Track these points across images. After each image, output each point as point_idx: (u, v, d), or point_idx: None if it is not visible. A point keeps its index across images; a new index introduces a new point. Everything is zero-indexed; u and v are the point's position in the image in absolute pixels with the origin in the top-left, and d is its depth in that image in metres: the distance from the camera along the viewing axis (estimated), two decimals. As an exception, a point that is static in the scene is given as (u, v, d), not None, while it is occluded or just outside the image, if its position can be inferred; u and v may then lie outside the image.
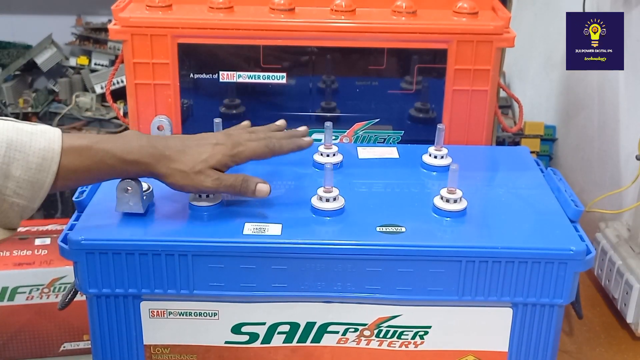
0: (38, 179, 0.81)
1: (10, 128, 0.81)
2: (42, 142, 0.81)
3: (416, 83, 1.13)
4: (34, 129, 0.83)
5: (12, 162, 0.79)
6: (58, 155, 0.82)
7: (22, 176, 0.80)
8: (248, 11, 1.11)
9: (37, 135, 0.82)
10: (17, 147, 0.80)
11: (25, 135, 0.81)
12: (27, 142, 0.81)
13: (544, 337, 0.91)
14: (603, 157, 1.46)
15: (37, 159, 0.81)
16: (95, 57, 2.45)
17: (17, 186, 0.80)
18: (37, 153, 0.81)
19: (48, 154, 0.81)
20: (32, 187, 0.81)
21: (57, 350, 1.34)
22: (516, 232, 0.91)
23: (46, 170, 0.81)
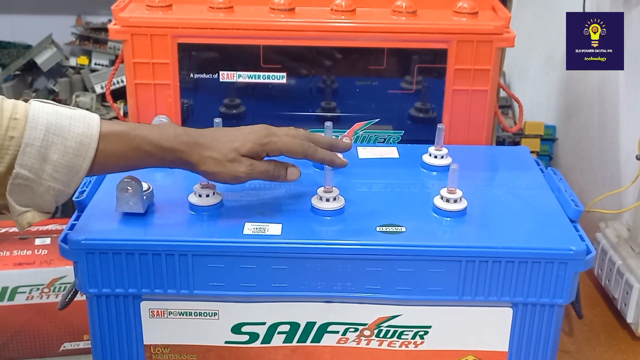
0: (75, 163, 0.81)
1: (51, 112, 0.81)
2: (80, 127, 0.81)
3: (416, 83, 1.13)
4: (74, 113, 0.83)
5: (50, 146, 0.80)
6: (96, 141, 0.82)
7: (59, 160, 0.80)
8: (248, 11, 1.11)
9: (76, 120, 0.82)
10: (56, 131, 0.80)
11: (65, 119, 0.81)
12: (66, 126, 0.81)
13: (544, 337, 0.91)
14: (603, 157, 1.46)
15: (75, 144, 0.81)
16: (95, 57, 2.45)
17: (54, 170, 0.80)
18: (75, 138, 0.81)
19: (86, 139, 0.81)
20: (68, 171, 0.81)
21: (57, 350, 1.34)
22: (516, 232, 0.91)
23: (83, 155, 0.81)
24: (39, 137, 0.79)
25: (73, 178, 0.82)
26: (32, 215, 0.82)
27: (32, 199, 0.81)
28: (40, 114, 0.80)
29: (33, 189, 0.80)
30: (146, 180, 0.93)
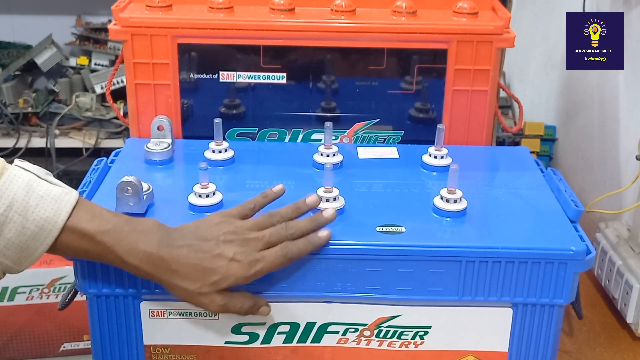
0: (30, 246, 0.77)
1: (23, 185, 0.77)
2: (47, 211, 0.77)
3: (416, 83, 1.13)
4: (48, 192, 0.78)
5: (7, 223, 0.76)
6: (58, 230, 0.78)
7: (13, 239, 0.77)
8: (248, 11, 1.11)
9: (46, 202, 0.77)
10: (19, 209, 0.76)
11: (34, 199, 0.77)
12: (32, 206, 0.77)
13: (544, 337, 0.91)
14: (603, 157, 1.46)
15: (35, 228, 0.77)
16: (95, 57, 2.45)
17: (5, 247, 0.77)
18: (36, 221, 0.77)
19: (48, 225, 0.77)
20: (21, 251, 0.78)
21: (57, 350, 1.34)
22: (516, 232, 0.91)
23: (40, 240, 0.78)
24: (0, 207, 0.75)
25: (25, 259, 0.78)
26: None
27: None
28: (11, 185, 0.76)
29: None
30: (146, 180, 0.93)
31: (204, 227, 0.84)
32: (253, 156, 1.09)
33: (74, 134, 2.39)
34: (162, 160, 1.06)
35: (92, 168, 1.02)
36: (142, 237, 0.81)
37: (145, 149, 1.06)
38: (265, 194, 0.89)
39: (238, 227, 0.84)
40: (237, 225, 0.84)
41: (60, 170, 2.36)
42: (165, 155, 1.06)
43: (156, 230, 0.82)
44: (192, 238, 0.82)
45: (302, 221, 0.87)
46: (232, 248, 0.82)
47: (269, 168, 1.05)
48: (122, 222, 0.81)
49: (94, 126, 2.40)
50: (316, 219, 0.87)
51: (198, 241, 0.82)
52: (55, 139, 2.36)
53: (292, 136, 1.15)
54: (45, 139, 2.36)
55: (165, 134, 1.08)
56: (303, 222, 0.86)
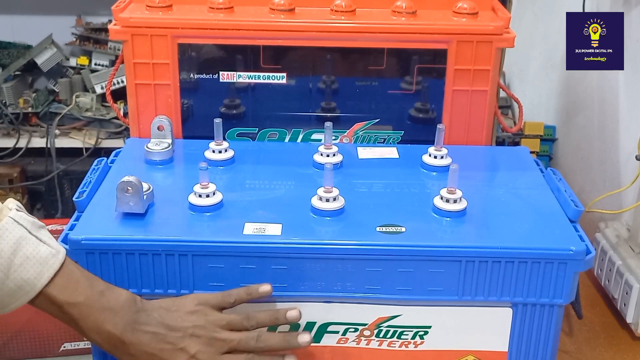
0: (4, 300, 0.78)
1: (13, 242, 0.77)
2: (29, 273, 0.77)
3: (416, 83, 1.13)
4: (35, 252, 0.78)
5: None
6: (35, 293, 0.78)
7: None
8: (248, 11, 1.11)
9: (31, 263, 0.77)
10: (2, 267, 0.76)
11: (19, 258, 0.77)
12: (16, 265, 0.77)
13: (543, 337, 0.91)
14: (603, 157, 1.46)
15: (14, 286, 0.77)
16: (95, 57, 2.45)
17: None
18: (16, 281, 0.77)
19: (27, 286, 0.78)
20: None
21: (57, 350, 1.34)
22: (516, 232, 0.91)
23: (16, 298, 0.78)
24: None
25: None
26: None
27: None
28: (1, 237, 0.76)
29: None
30: (146, 180, 0.93)
31: (176, 312, 0.83)
32: (253, 156, 1.09)
33: (74, 134, 2.39)
34: (162, 160, 1.06)
35: (92, 168, 1.02)
36: (110, 316, 0.81)
37: (146, 149, 1.06)
38: (250, 292, 0.86)
39: (209, 322, 0.83)
40: (209, 320, 0.83)
41: (61, 170, 2.36)
42: (166, 155, 1.06)
43: (126, 310, 0.82)
44: (160, 325, 0.82)
45: (274, 337, 0.85)
46: (197, 345, 0.82)
47: (269, 168, 1.05)
48: (94, 296, 0.81)
49: (94, 126, 2.40)
50: (289, 341, 0.85)
51: (165, 330, 0.82)
52: (55, 139, 2.36)
53: (292, 136, 1.15)
54: (46, 139, 2.36)
55: (165, 134, 1.08)
56: (275, 338, 0.85)
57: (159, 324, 0.82)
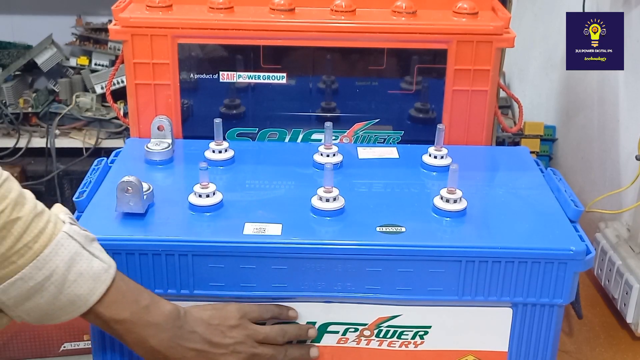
0: (54, 314, 0.78)
1: (66, 259, 0.76)
2: (83, 289, 0.77)
3: (416, 83, 1.13)
4: (88, 268, 0.78)
5: (42, 291, 0.75)
6: (86, 309, 0.78)
7: (42, 305, 0.76)
8: (248, 11, 1.11)
9: (84, 279, 0.77)
10: (56, 282, 0.76)
11: (73, 274, 0.76)
12: (69, 281, 0.76)
13: (543, 337, 0.91)
14: (603, 157, 1.46)
15: (67, 301, 0.77)
16: (95, 57, 2.45)
17: (32, 309, 0.76)
18: (70, 297, 0.77)
19: (79, 302, 0.78)
20: (43, 315, 0.78)
21: (57, 350, 1.34)
22: (516, 232, 0.91)
23: (67, 312, 0.78)
24: (37, 280, 0.75)
25: (44, 321, 0.78)
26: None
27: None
28: (55, 256, 0.75)
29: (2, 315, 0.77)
30: (146, 180, 0.93)
31: (218, 327, 0.85)
32: (253, 156, 1.09)
33: (74, 134, 2.39)
34: (162, 160, 1.06)
35: (92, 168, 1.02)
36: (154, 332, 0.82)
37: (146, 149, 1.06)
38: (281, 312, 0.90)
39: (249, 337, 0.86)
40: (249, 335, 0.86)
41: (61, 170, 2.37)
42: (166, 155, 1.06)
43: (170, 325, 0.83)
44: (203, 342, 0.84)
45: (296, 351, 0.90)
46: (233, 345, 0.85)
47: (269, 168, 1.05)
48: (139, 312, 0.82)
49: (94, 126, 2.40)
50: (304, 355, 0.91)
51: (208, 347, 0.84)
52: (55, 139, 2.36)
53: (292, 136, 1.15)
54: (46, 139, 2.36)
55: (165, 134, 1.08)
56: (296, 352, 0.90)
57: (203, 341, 0.84)
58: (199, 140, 1.10)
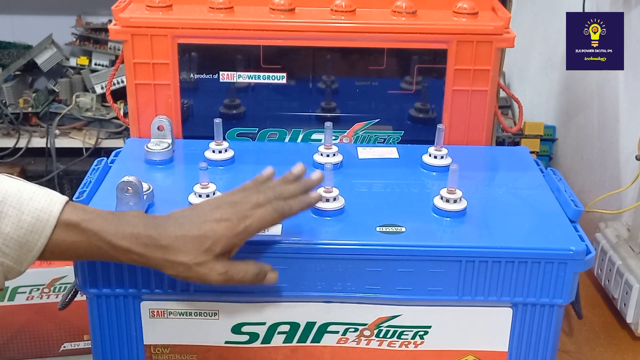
0: (28, 240, 0.76)
1: (13, 185, 0.76)
2: (41, 202, 0.76)
3: (416, 83, 1.13)
4: (38, 188, 0.77)
5: (3, 218, 0.74)
6: (54, 220, 0.76)
7: (11, 234, 0.75)
8: (248, 11, 1.11)
9: (39, 195, 0.77)
10: (12, 203, 0.75)
11: (27, 193, 0.76)
12: (25, 199, 0.76)
13: (543, 337, 0.91)
14: (603, 157, 1.46)
15: (31, 219, 0.75)
16: (95, 57, 2.45)
17: (4, 244, 0.75)
18: (32, 212, 0.75)
19: (44, 215, 0.76)
20: (20, 247, 0.76)
21: (57, 350, 1.34)
22: (516, 232, 0.91)
23: (39, 232, 0.76)
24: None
25: (25, 256, 0.76)
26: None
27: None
28: (3, 181, 0.76)
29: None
30: (146, 180, 0.93)
31: (191, 207, 0.84)
32: (253, 156, 1.09)
33: (74, 134, 2.39)
34: (162, 160, 1.06)
35: (92, 168, 1.02)
36: (128, 221, 0.79)
37: (146, 149, 1.06)
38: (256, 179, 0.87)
39: (225, 196, 0.84)
40: (223, 195, 0.85)
41: (61, 170, 2.37)
42: (166, 155, 1.06)
43: (142, 216, 0.82)
44: (178, 216, 0.81)
45: (290, 185, 0.85)
46: (219, 212, 0.80)
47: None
48: (105, 212, 0.81)
49: (94, 126, 2.40)
50: (304, 183, 0.86)
51: (184, 216, 0.81)
52: (55, 139, 2.36)
53: (292, 136, 1.15)
54: (46, 139, 2.36)
55: (165, 134, 1.08)
56: (291, 186, 0.85)
57: (178, 215, 0.81)
58: (199, 140, 1.10)
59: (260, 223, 0.81)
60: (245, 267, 0.82)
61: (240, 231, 0.80)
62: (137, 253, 0.79)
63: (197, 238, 0.79)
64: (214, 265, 0.79)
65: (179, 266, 0.79)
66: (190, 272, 0.79)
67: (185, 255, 0.78)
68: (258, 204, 0.82)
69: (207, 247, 0.79)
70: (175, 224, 0.80)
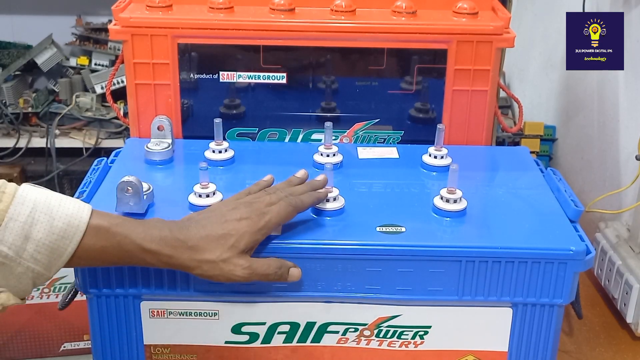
0: (59, 245, 0.77)
1: (41, 192, 0.78)
2: (70, 208, 0.78)
3: (416, 83, 1.13)
4: (65, 197, 0.79)
5: (35, 224, 0.75)
6: (85, 225, 0.78)
7: (43, 240, 0.76)
8: (248, 11, 1.11)
9: (67, 202, 0.78)
10: (43, 209, 0.76)
11: (55, 200, 0.77)
12: (55, 205, 0.77)
13: (543, 337, 0.91)
14: (603, 157, 1.46)
15: (62, 224, 0.77)
16: (95, 57, 2.45)
17: (36, 250, 0.76)
18: (63, 218, 0.77)
19: (74, 220, 0.77)
20: (51, 253, 0.76)
21: (57, 350, 1.34)
22: (516, 232, 0.91)
23: (70, 237, 0.77)
24: (25, 213, 0.75)
25: (55, 261, 0.77)
26: (7, 296, 0.76)
27: (7, 280, 0.76)
28: (29, 193, 0.77)
29: (11, 269, 0.75)
30: (146, 180, 0.93)
31: (208, 210, 0.87)
32: (253, 156, 1.09)
33: (74, 134, 2.39)
34: (162, 160, 1.06)
35: (92, 168, 1.02)
36: (154, 225, 0.82)
37: (146, 149, 1.06)
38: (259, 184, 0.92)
39: (238, 198, 0.88)
40: (237, 197, 0.88)
41: (61, 170, 2.37)
42: (166, 155, 1.06)
43: (165, 221, 0.84)
44: (199, 218, 0.85)
45: (298, 187, 0.91)
46: (238, 212, 0.84)
47: (269, 168, 1.05)
48: (130, 219, 0.84)
49: (94, 126, 2.40)
50: (309, 183, 0.92)
51: (204, 218, 0.85)
52: (55, 139, 2.36)
53: (292, 136, 1.15)
54: (46, 139, 2.36)
55: (165, 134, 1.08)
56: (299, 187, 0.91)
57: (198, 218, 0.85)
58: (199, 140, 1.10)
59: (278, 218, 0.85)
60: (267, 261, 0.85)
61: (261, 227, 0.84)
62: (166, 255, 0.81)
63: (222, 237, 0.82)
64: (238, 260, 0.82)
65: (206, 264, 0.82)
66: (216, 269, 0.82)
67: (211, 254, 0.82)
68: (271, 202, 0.86)
69: (231, 244, 0.82)
70: (198, 226, 0.83)
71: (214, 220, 0.84)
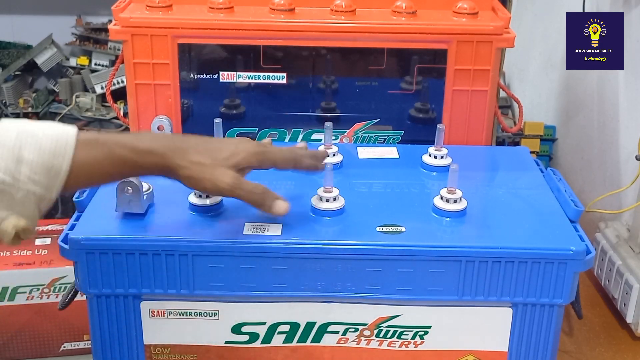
0: (54, 163, 0.75)
1: (21, 121, 0.77)
2: (55, 130, 0.77)
3: (416, 83, 1.13)
4: (46, 122, 0.79)
5: (24, 147, 0.74)
6: (74, 139, 0.76)
7: (35, 160, 0.74)
8: (248, 11, 1.11)
9: (49, 124, 0.78)
10: (29, 132, 0.75)
11: (37, 125, 0.77)
12: (39, 129, 0.76)
13: (543, 337, 0.91)
14: (603, 157, 1.46)
15: (51, 143, 0.75)
16: (95, 57, 2.45)
17: (32, 171, 0.74)
18: (50, 137, 0.76)
19: (62, 137, 0.76)
20: (47, 172, 0.75)
21: (57, 350, 1.34)
22: (516, 232, 0.91)
23: (61, 154, 0.76)
24: (11, 138, 0.74)
25: (53, 181, 0.76)
26: (16, 218, 0.74)
27: (12, 207, 0.75)
28: (10, 123, 0.76)
29: (12, 195, 0.74)
30: (146, 180, 0.93)
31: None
32: (253, 156, 1.09)
33: (74, 134, 2.39)
34: (162, 160, 1.06)
35: (92, 168, 1.02)
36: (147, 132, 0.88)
37: (146, 149, 1.06)
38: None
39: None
40: None
41: (61, 170, 2.36)
42: (166, 155, 1.06)
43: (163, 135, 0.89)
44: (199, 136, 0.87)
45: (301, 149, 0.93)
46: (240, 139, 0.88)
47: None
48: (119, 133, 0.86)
49: (94, 126, 2.39)
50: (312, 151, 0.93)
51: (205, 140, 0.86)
52: (55, 139, 2.36)
53: (292, 136, 1.15)
54: (46, 139, 2.36)
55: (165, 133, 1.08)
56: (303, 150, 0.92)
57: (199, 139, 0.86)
58: (199, 140, 1.10)
59: (276, 155, 0.88)
60: (254, 185, 0.86)
61: (259, 152, 0.86)
62: (158, 154, 0.81)
63: (218, 148, 0.84)
64: (227, 171, 0.83)
65: (196, 165, 0.83)
66: (205, 172, 0.83)
67: (204, 158, 0.83)
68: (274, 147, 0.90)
69: (225, 155, 0.84)
70: (196, 137, 0.86)
71: (214, 139, 0.88)
